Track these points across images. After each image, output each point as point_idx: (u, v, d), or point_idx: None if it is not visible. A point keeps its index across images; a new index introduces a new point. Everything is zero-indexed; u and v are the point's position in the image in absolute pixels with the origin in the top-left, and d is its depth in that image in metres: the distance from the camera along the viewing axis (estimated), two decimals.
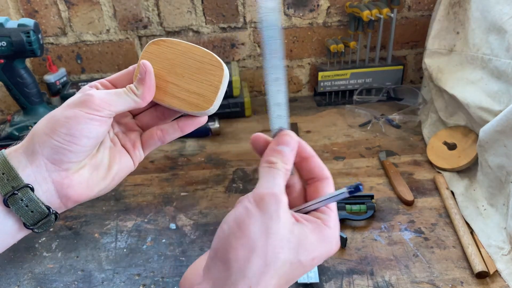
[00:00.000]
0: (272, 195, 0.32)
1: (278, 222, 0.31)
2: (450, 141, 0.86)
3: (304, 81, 1.21)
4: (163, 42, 0.41)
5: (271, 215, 0.31)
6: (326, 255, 0.34)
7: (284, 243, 0.31)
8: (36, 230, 0.37)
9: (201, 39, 1.13)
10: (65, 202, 0.38)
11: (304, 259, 0.32)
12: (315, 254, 0.32)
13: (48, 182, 0.37)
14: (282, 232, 0.31)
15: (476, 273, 0.60)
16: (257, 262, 0.30)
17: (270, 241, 0.30)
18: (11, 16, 1.07)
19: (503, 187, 0.69)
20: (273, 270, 0.30)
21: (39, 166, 0.36)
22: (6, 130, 0.97)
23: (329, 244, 0.34)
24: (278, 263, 0.30)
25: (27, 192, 0.35)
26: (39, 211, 0.36)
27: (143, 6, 1.08)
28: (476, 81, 0.81)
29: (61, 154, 0.36)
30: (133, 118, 0.44)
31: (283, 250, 0.31)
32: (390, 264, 0.63)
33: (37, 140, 0.36)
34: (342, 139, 0.98)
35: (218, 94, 0.40)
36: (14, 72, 0.91)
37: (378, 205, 0.75)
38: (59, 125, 0.36)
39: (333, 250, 0.34)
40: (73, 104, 0.37)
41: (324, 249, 0.33)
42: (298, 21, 1.11)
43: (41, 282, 0.64)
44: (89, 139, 0.37)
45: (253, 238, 0.30)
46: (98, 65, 1.16)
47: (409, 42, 1.16)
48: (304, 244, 0.32)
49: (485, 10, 0.80)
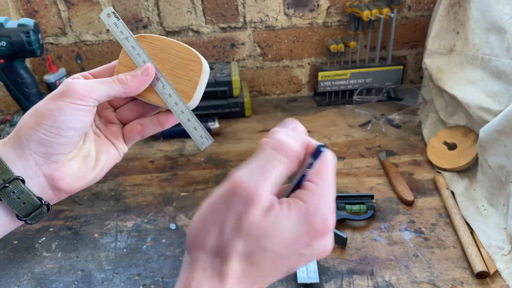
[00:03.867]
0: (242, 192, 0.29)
1: (237, 220, 0.29)
2: (450, 141, 0.86)
3: (304, 81, 1.21)
4: (144, 38, 0.42)
5: (232, 209, 0.29)
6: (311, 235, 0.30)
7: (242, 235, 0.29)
8: (29, 221, 0.38)
9: (201, 39, 1.13)
10: (57, 194, 0.39)
11: (273, 247, 0.29)
12: (287, 236, 0.29)
13: (39, 175, 0.37)
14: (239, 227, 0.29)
15: (476, 273, 0.60)
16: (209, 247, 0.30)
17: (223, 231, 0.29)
18: (11, 16, 1.07)
19: (503, 187, 0.69)
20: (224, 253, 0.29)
21: (28, 160, 0.36)
22: (6, 130, 0.97)
23: (307, 222, 0.30)
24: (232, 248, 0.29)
25: (18, 185, 0.36)
26: (31, 203, 0.37)
27: (143, 6, 1.08)
28: (476, 81, 0.81)
29: (49, 147, 0.36)
30: (113, 111, 0.44)
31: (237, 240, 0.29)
32: (390, 264, 0.63)
33: (24, 134, 0.36)
34: (342, 139, 0.98)
35: (197, 89, 0.41)
36: (14, 72, 0.91)
37: (378, 205, 0.75)
38: (44, 118, 0.36)
39: (316, 228, 0.30)
40: (56, 96, 0.37)
41: (302, 228, 0.30)
42: (298, 21, 1.11)
43: (41, 282, 0.64)
44: (75, 130, 0.37)
45: (207, 226, 0.30)
46: (98, 65, 1.14)
47: (409, 42, 1.16)
48: (270, 232, 0.29)
49: (485, 10, 0.80)
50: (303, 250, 0.30)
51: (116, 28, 0.42)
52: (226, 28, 1.12)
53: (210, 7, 1.08)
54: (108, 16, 0.42)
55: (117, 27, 0.42)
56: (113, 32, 0.41)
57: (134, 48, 0.42)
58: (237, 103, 1.07)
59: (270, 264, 0.30)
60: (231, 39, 1.13)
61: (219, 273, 0.29)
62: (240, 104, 1.07)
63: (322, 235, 0.31)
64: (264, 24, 1.12)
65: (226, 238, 0.29)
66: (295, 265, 0.31)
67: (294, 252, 0.30)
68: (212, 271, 0.30)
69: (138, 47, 0.41)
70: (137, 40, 0.42)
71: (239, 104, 1.07)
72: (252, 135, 1.01)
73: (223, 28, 1.12)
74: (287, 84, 1.21)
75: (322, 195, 0.31)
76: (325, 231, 0.31)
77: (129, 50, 0.41)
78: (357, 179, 0.83)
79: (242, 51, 1.15)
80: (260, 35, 1.13)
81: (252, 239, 0.29)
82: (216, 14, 1.10)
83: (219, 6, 1.09)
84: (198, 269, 0.30)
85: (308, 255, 0.31)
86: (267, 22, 1.11)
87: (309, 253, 0.31)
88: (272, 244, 0.29)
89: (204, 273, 0.30)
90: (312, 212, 0.30)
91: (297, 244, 0.30)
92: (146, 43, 0.42)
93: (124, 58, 0.42)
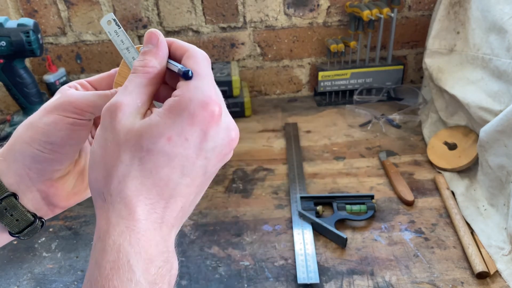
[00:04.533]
0: (108, 109, 0.29)
1: (112, 132, 0.28)
2: (451, 141, 0.86)
3: (304, 81, 1.21)
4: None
5: (105, 127, 0.29)
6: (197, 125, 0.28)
7: (122, 147, 0.28)
8: (22, 237, 0.36)
9: (201, 39, 1.13)
10: (52, 209, 0.38)
11: (158, 147, 0.27)
12: (170, 133, 0.28)
13: (33, 191, 0.36)
14: (117, 138, 0.28)
15: (477, 273, 0.60)
16: (100, 175, 0.28)
17: (106, 151, 0.28)
18: (11, 16, 1.07)
19: (503, 187, 0.69)
20: (116, 177, 0.28)
21: (21, 176, 0.35)
22: (6, 130, 0.97)
23: (184, 112, 0.28)
24: (120, 168, 0.28)
25: (11, 201, 0.34)
26: (24, 219, 0.35)
27: (142, 5, 1.07)
28: (477, 81, 0.81)
29: (44, 162, 0.35)
30: None
31: (121, 153, 0.28)
32: (390, 265, 0.63)
33: (18, 149, 0.35)
34: (342, 139, 0.98)
35: None
36: (13, 72, 0.91)
37: (378, 205, 0.75)
38: (39, 133, 0.34)
39: (197, 114, 0.28)
40: (51, 108, 0.35)
41: (180, 120, 0.28)
42: (298, 21, 1.11)
43: (40, 282, 0.64)
44: (71, 145, 0.35)
45: (94, 154, 0.29)
46: (98, 65, 1.15)
47: (410, 42, 1.16)
48: (148, 132, 0.28)
49: (486, 10, 0.80)
50: (200, 144, 0.28)
51: (116, 37, 0.39)
52: (226, 28, 1.12)
53: (210, 6, 1.08)
54: (109, 23, 0.40)
55: (118, 36, 0.39)
56: (113, 41, 0.38)
57: (135, 59, 0.40)
58: (237, 103, 1.07)
59: (170, 169, 0.28)
60: (231, 39, 1.13)
61: (119, 196, 0.27)
62: (240, 104, 1.07)
63: (211, 122, 0.28)
64: (264, 24, 1.11)
65: (111, 156, 0.28)
66: (205, 163, 0.29)
67: (191, 148, 0.28)
68: (111, 198, 0.28)
69: None
70: (138, 51, 0.39)
71: (239, 104, 1.07)
72: (252, 135, 1.01)
73: (223, 28, 1.12)
74: (287, 84, 1.21)
75: (192, 85, 0.29)
76: (211, 117, 0.28)
77: (129, 62, 0.38)
78: (357, 179, 0.83)
79: (242, 51, 1.15)
80: (260, 35, 1.13)
81: (132, 144, 0.28)
82: (216, 14, 1.10)
83: (219, 6, 1.08)
84: (101, 205, 0.28)
85: (212, 149, 0.29)
86: (267, 22, 1.11)
87: (211, 146, 0.29)
88: (156, 144, 0.27)
89: (106, 205, 0.28)
90: (186, 101, 0.28)
91: (187, 139, 0.28)
92: None
93: (123, 69, 0.39)
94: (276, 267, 0.64)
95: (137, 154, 0.28)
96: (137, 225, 0.27)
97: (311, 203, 0.75)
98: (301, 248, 0.67)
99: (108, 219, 0.27)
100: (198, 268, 0.65)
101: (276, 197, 0.80)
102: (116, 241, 0.26)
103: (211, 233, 0.71)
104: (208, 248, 0.69)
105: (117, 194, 0.27)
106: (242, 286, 0.62)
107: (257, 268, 0.64)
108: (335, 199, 0.75)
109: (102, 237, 0.27)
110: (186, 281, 0.63)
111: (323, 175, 0.85)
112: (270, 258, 0.66)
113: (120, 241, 0.26)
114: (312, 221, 0.71)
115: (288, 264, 0.65)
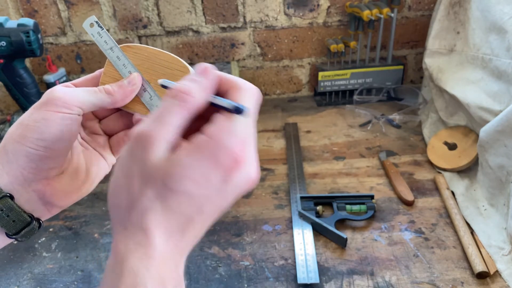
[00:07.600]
0: (139, 138, 0.28)
1: (140, 165, 0.28)
2: (451, 141, 0.86)
3: (304, 81, 1.21)
4: (129, 48, 0.41)
5: (134, 157, 0.29)
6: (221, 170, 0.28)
7: (148, 183, 0.28)
8: (20, 239, 0.36)
9: (201, 39, 1.13)
10: (50, 209, 0.37)
11: (183, 188, 0.28)
12: (196, 175, 0.28)
13: (29, 191, 0.35)
14: (144, 174, 0.28)
15: (477, 273, 0.60)
16: (123, 204, 0.29)
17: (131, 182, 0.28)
18: (11, 15, 1.07)
19: (503, 187, 0.69)
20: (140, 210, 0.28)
21: (16, 177, 0.35)
22: (6, 130, 0.97)
23: (211, 157, 0.28)
24: (144, 201, 0.28)
25: (7, 202, 0.34)
26: (21, 220, 0.35)
27: (142, 6, 1.07)
28: (477, 81, 0.81)
29: (37, 161, 0.35)
30: (98, 123, 0.43)
31: (147, 189, 0.28)
32: (390, 265, 0.63)
33: (10, 149, 0.34)
34: (342, 139, 0.98)
35: None
36: (13, 72, 0.90)
37: (378, 205, 0.75)
38: (30, 130, 0.34)
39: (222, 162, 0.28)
40: (40, 105, 0.35)
41: (207, 163, 0.28)
42: (298, 21, 1.11)
43: (40, 282, 0.64)
44: (62, 140, 0.35)
45: (118, 180, 0.29)
46: (98, 65, 1.15)
47: (410, 42, 1.16)
48: (175, 173, 0.28)
49: (486, 10, 0.80)
50: (221, 186, 0.29)
51: (100, 38, 0.40)
52: (226, 28, 1.12)
53: (210, 7, 1.08)
54: (91, 26, 0.40)
55: (101, 37, 0.40)
56: (96, 43, 0.39)
57: (119, 59, 0.40)
58: None
59: (190, 207, 0.28)
60: (231, 39, 1.13)
61: (140, 228, 0.28)
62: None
63: (234, 168, 0.29)
64: (264, 24, 1.11)
65: (135, 189, 0.28)
66: (222, 202, 0.30)
67: (213, 189, 0.28)
68: (132, 227, 0.28)
69: (124, 57, 0.40)
70: (122, 50, 0.40)
71: None
72: None
73: (223, 28, 1.12)
74: (287, 84, 1.21)
75: (226, 126, 0.29)
76: (235, 164, 0.28)
77: (114, 61, 0.39)
78: (357, 179, 0.83)
79: (242, 51, 1.15)
80: (260, 35, 1.13)
81: (158, 182, 0.28)
82: (216, 14, 1.10)
83: (219, 6, 1.08)
84: (121, 231, 0.29)
85: (231, 191, 0.29)
86: (267, 22, 1.11)
87: (232, 188, 0.29)
88: (181, 185, 0.28)
89: (126, 233, 0.28)
90: (214, 146, 0.28)
91: (211, 181, 0.28)
92: (132, 53, 0.40)
93: (109, 69, 0.40)
94: (276, 267, 0.64)
95: (161, 192, 0.28)
96: (154, 253, 0.28)
97: (311, 203, 0.75)
98: (301, 248, 0.67)
99: (127, 245, 0.28)
100: (198, 268, 0.65)
101: (276, 197, 0.80)
102: (134, 266, 0.27)
103: (211, 233, 0.71)
104: (208, 248, 0.69)
105: (138, 224, 0.28)
106: (242, 286, 0.62)
107: (257, 268, 0.64)
108: (335, 199, 0.75)
109: (120, 260, 0.28)
110: (186, 281, 0.63)
111: (323, 175, 0.85)
112: (270, 258, 0.66)
113: (138, 266, 0.27)
114: (312, 221, 0.71)
115: (288, 264, 0.65)
